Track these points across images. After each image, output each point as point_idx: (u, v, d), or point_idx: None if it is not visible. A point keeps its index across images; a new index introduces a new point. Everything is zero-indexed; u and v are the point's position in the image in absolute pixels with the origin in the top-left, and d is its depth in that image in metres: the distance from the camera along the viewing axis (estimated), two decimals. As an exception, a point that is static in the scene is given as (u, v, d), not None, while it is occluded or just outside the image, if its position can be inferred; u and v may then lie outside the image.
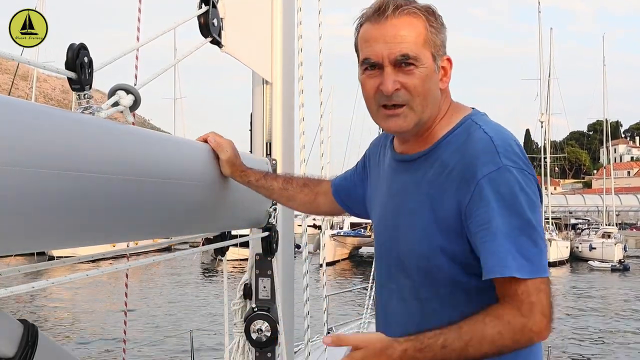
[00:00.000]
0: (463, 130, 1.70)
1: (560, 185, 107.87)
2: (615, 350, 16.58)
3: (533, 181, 1.62)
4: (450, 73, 1.75)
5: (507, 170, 1.57)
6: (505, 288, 1.56)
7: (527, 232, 1.56)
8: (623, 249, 43.42)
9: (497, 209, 1.56)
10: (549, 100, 51.07)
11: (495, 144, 1.61)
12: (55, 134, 1.25)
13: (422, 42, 1.67)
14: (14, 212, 1.12)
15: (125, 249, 2.30)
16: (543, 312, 1.55)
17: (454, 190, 1.62)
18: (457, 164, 1.64)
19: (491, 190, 1.56)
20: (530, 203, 1.58)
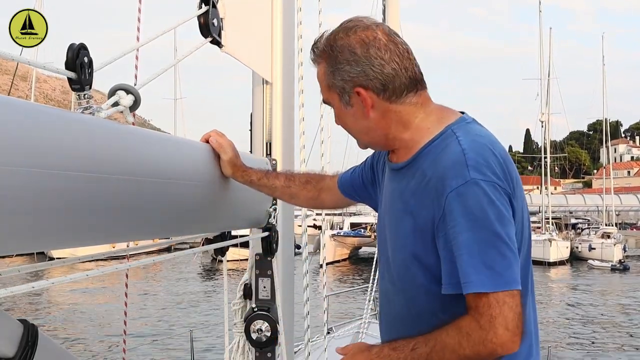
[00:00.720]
0: (442, 140, 1.71)
1: (561, 185, 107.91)
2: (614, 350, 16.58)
3: (504, 194, 1.61)
4: (371, 100, 1.74)
5: (474, 184, 1.58)
6: (469, 300, 1.58)
7: (495, 245, 1.57)
8: (622, 249, 43.42)
9: (464, 224, 1.57)
10: (549, 99, 51.13)
11: (466, 157, 1.62)
12: (55, 134, 1.25)
13: (327, 88, 1.80)
14: (14, 212, 1.12)
15: (125, 249, 2.30)
16: (506, 325, 1.53)
17: (430, 202, 1.65)
18: (432, 175, 1.67)
19: (458, 204, 1.58)
20: (499, 216, 1.58)
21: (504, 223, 1.59)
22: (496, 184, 1.60)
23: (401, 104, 1.75)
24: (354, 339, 6.23)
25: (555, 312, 22.65)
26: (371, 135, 1.81)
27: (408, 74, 1.74)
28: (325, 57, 1.77)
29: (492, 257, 1.56)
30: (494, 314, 1.53)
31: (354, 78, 1.73)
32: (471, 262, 1.55)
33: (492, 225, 1.57)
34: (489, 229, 1.56)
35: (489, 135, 1.75)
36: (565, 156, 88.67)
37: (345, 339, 6.55)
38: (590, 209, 64.86)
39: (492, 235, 1.57)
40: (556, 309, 23.32)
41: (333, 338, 6.74)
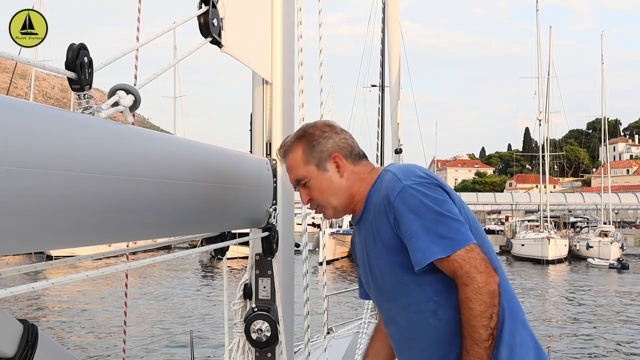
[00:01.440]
0: (380, 179, 2.24)
1: (560, 183, 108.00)
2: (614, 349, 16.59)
3: (433, 185, 2.09)
4: (344, 163, 2.28)
5: (408, 187, 2.07)
6: (447, 271, 2.03)
7: (439, 220, 2.02)
8: (620, 247, 43.50)
9: (411, 217, 2.04)
10: (548, 98, 51.15)
11: (397, 175, 2.13)
12: (55, 134, 1.25)
13: (303, 164, 2.28)
14: (14, 212, 1.12)
15: (125, 249, 2.29)
16: (478, 270, 1.97)
17: (385, 217, 2.12)
18: (379, 201, 2.16)
19: (402, 205, 2.06)
20: (435, 201, 2.05)
21: (440, 204, 2.05)
22: (423, 182, 2.09)
23: (358, 166, 2.32)
24: (354, 339, 6.23)
25: (553, 309, 22.69)
26: (340, 194, 2.29)
27: (357, 149, 2.34)
28: (300, 143, 2.29)
29: (442, 230, 2.01)
30: (466, 269, 1.97)
31: (329, 148, 2.27)
32: (428, 238, 2.01)
33: (432, 208, 2.03)
34: (431, 211, 2.03)
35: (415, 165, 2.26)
36: (564, 155, 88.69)
37: (345, 339, 6.55)
38: (589, 207, 64.90)
39: (435, 215, 2.02)
40: (554, 307, 23.36)
41: (333, 338, 6.74)
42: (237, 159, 2.36)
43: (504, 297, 2.07)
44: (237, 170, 2.32)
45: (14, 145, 1.11)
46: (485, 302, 1.96)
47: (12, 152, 1.10)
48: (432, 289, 2.12)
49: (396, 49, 9.08)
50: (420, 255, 2.02)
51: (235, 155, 2.35)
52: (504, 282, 2.12)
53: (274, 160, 2.69)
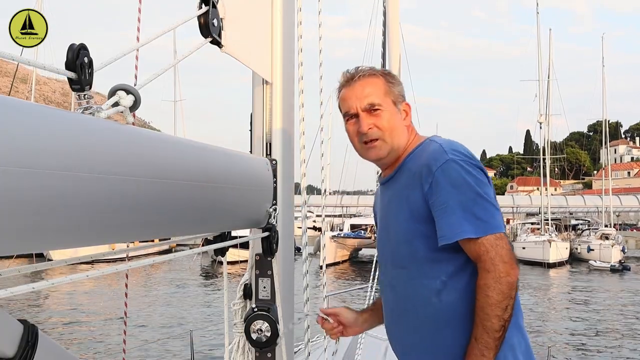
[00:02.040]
0: (422, 147, 2.25)
1: (561, 186, 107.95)
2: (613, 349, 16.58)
3: (478, 169, 2.10)
4: (411, 114, 2.35)
5: (453, 162, 2.07)
6: (471, 252, 2.04)
7: (477, 202, 2.03)
8: (621, 250, 43.45)
9: (451, 190, 2.04)
10: (549, 101, 51.14)
11: (444, 147, 2.13)
12: (55, 134, 1.25)
13: (383, 93, 2.29)
14: (14, 212, 1.12)
15: (125, 249, 2.29)
16: (503, 260, 1.98)
17: (419, 185, 2.12)
18: (418, 167, 2.16)
19: (444, 177, 2.06)
20: (477, 182, 2.05)
21: (482, 186, 2.05)
22: (468, 161, 2.09)
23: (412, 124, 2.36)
24: (354, 339, 6.22)
25: (554, 312, 22.67)
26: (400, 137, 2.29)
27: None
28: (382, 75, 2.33)
29: (478, 210, 2.02)
30: (492, 255, 1.98)
31: (403, 95, 2.35)
32: (463, 216, 2.01)
33: (473, 188, 2.04)
34: (472, 191, 2.03)
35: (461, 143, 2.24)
36: (565, 157, 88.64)
37: (345, 339, 6.53)
38: (590, 210, 64.78)
39: (475, 195, 2.03)
40: (555, 309, 23.34)
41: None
42: (237, 159, 2.36)
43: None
44: (237, 170, 2.32)
45: (14, 145, 1.11)
46: (503, 292, 1.96)
47: (12, 152, 1.10)
48: (443, 269, 2.13)
49: (396, 52, 9.08)
50: (450, 231, 2.04)
51: (235, 155, 2.35)
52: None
53: (274, 160, 2.69)
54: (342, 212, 58.83)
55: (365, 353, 5.57)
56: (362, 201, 58.35)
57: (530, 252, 42.14)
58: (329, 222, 51.16)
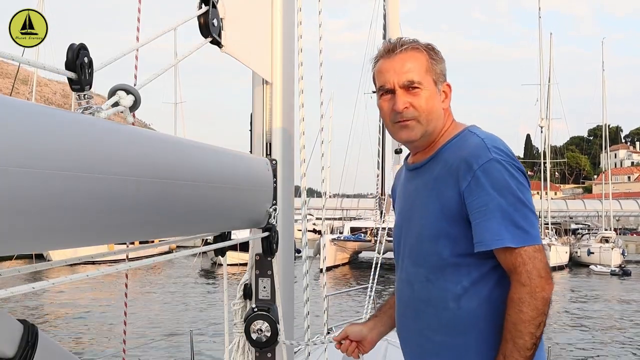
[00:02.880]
0: (461, 137, 2.09)
1: (561, 190, 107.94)
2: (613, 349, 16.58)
3: (520, 171, 1.97)
4: (451, 96, 2.18)
5: (496, 162, 1.93)
6: (506, 262, 1.92)
7: (518, 208, 1.91)
8: (621, 254, 43.48)
9: (492, 193, 1.91)
10: (549, 105, 51.17)
11: (486, 143, 1.98)
12: (55, 134, 1.25)
13: (425, 71, 2.10)
14: (14, 212, 1.12)
15: (125, 249, 2.29)
16: (540, 274, 1.87)
17: (455, 181, 1.98)
18: (456, 160, 2.01)
19: (486, 177, 1.92)
20: (519, 186, 1.94)
21: (524, 191, 1.94)
22: (511, 162, 1.96)
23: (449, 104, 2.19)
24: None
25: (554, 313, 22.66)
26: (434, 123, 2.12)
27: None
28: (428, 49, 2.15)
29: (518, 218, 1.90)
30: (529, 268, 1.87)
31: (445, 74, 2.17)
32: (503, 222, 1.89)
33: (515, 193, 1.92)
34: (513, 196, 1.91)
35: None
36: (565, 161, 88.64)
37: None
38: (591, 214, 64.76)
39: (516, 201, 1.92)
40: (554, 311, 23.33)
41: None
42: (237, 159, 2.36)
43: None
44: (237, 170, 2.32)
45: (14, 145, 1.11)
46: (538, 308, 1.85)
47: (12, 152, 1.10)
48: (466, 274, 2.01)
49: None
50: (489, 237, 1.90)
51: (235, 155, 2.35)
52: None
53: (274, 160, 2.69)
54: (342, 215, 58.82)
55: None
56: (362, 204, 58.33)
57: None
58: (329, 225, 51.15)
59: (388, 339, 6.32)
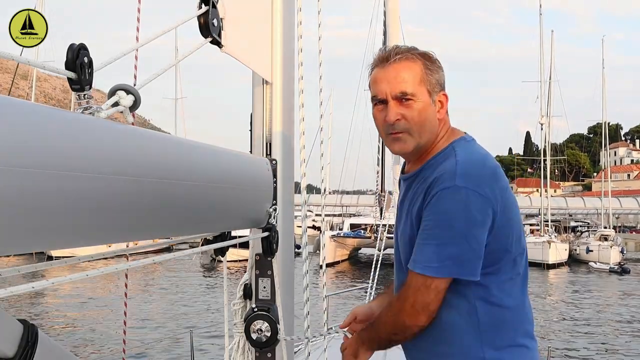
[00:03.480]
0: (445, 154, 2.08)
1: (560, 187, 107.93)
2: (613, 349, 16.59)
3: (484, 202, 1.93)
4: (447, 105, 2.14)
5: (454, 191, 1.92)
6: (407, 276, 2.02)
7: (458, 241, 1.92)
8: (620, 252, 43.52)
9: (437, 219, 1.94)
10: (550, 102, 51.17)
11: (457, 168, 1.96)
12: (55, 134, 1.25)
13: (419, 81, 2.07)
14: (14, 212, 1.12)
15: (125, 249, 2.29)
16: (413, 306, 1.97)
17: (422, 197, 2.01)
18: (430, 179, 2.02)
19: (438, 203, 1.94)
20: (469, 219, 1.92)
21: (472, 225, 1.92)
22: (477, 192, 1.92)
23: (446, 115, 2.16)
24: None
25: (553, 311, 22.69)
26: (428, 134, 2.11)
27: None
28: (421, 58, 2.10)
29: (453, 250, 1.93)
30: (409, 293, 1.99)
31: (441, 84, 2.13)
32: (428, 249, 1.95)
33: (460, 227, 1.91)
34: (453, 229, 1.92)
35: (484, 154, 2.11)
36: (565, 159, 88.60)
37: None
38: (590, 211, 64.77)
39: (454, 234, 1.92)
40: (554, 310, 23.36)
41: (333, 338, 6.71)
42: (237, 159, 2.36)
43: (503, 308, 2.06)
44: (237, 170, 2.32)
45: (14, 145, 1.11)
46: (397, 326, 2.04)
47: (12, 152, 1.10)
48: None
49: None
50: (420, 260, 1.97)
51: (235, 155, 2.35)
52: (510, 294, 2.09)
53: (274, 160, 2.69)
54: (342, 211, 58.82)
55: None
56: (362, 201, 58.26)
57: (530, 253, 41.47)
58: (329, 222, 51.16)
59: None
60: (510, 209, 2.03)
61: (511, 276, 2.08)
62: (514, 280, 2.09)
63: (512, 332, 2.09)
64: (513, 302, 2.09)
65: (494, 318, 2.05)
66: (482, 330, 2.03)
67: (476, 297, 2.03)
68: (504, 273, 2.05)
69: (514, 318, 2.10)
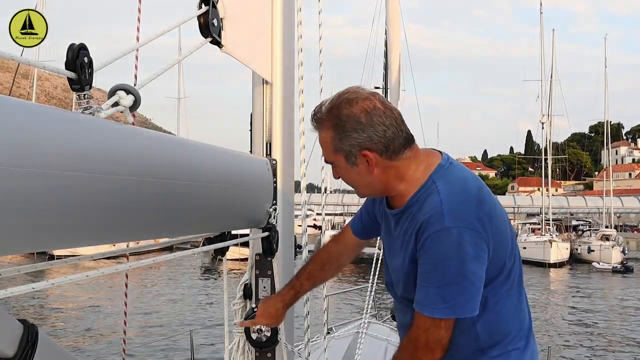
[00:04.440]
0: (425, 191, 2.04)
1: (562, 186, 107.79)
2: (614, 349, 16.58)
3: (475, 236, 1.94)
4: (375, 160, 2.03)
5: (446, 231, 1.92)
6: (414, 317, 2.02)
7: (458, 281, 1.94)
8: (622, 252, 43.46)
9: (436, 263, 1.94)
10: (551, 101, 51.13)
11: (443, 208, 1.95)
12: (55, 134, 1.26)
13: (332, 150, 2.05)
14: (14, 212, 1.12)
15: (125, 249, 2.29)
16: (427, 345, 1.98)
17: (414, 240, 2.01)
18: (417, 221, 2.01)
19: (432, 247, 1.94)
20: (464, 256, 1.92)
21: (467, 262, 1.93)
22: (468, 227, 1.93)
23: (399, 160, 2.05)
24: (354, 339, 6.22)
25: (554, 311, 22.68)
26: (372, 187, 2.11)
27: (403, 134, 2.04)
28: (331, 126, 2.02)
29: (454, 292, 1.94)
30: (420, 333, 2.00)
31: (360, 143, 2.00)
32: (431, 292, 1.96)
33: (456, 266, 1.92)
34: (451, 270, 1.93)
35: (464, 178, 2.08)
36: (566, 158, 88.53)
37: (345, 339, 6.54)
38: (591, 210, 64.65)
39: (453, 275, 1.93)
40: (554, 309, 23.35)
41: (333, 338, 6.72)
42: (237, 159, 2.36)
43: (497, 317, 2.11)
44: (237, 170, 2.32)
45: (15, 145, 1.11)
46: None
47: (13, 152, 1.10)
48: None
49: (396, 51, 9.09)
50: (426, 304, 1.99)
51: (235, 155, 2.35)
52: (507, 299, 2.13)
53: (274, 160, 2.69)
54: (343, 210, 58.77)
55: (365, 353, 5.57)
56: (363, 200, 58.08)
57: (531, 252, 42.12)
58: (330, 221, 51.14)
59: (388, 339, 6.34)
60: (500, 229, 2.05)
61: (507, 288, 2.12)
62: (509, 292, 2.14)
63: (510, 338, 2.15)
64: (509, 311, 2.14)
65: (492, 330, 2.11)
66: (481, 342, 2.10)
67: (475, 317, 2.05)
68: (500, 288, 2.09)
69: (512, 326, 2.16)
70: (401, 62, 9.19)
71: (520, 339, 2.18)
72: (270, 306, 2.48)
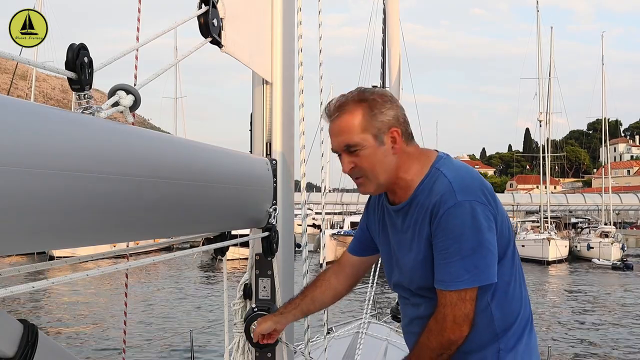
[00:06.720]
0: (431, 178, 2.17)
1: (560, 184, 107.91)
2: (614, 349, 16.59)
3: (485, 209, 2.08)
4: (400, 139, 2.16)
5: (460, 206, 2.04)
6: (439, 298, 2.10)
7: (478, 251, 2.04)
8: (621, 248, 43.49)
9: (452, 237, 2.04)
10: (549, 99, 51.14)
11: (453, 185, 2.09)
12: (55, 134, 1.26)
13: (361, 130, 2.13)
14: (14, 212, 1.12)
15: (125, 249, 2.30)
16: (455, 321, 2.06)
17: (429, 221, 2.11)
18: (428, 203, 2.12)
19: (447, 223, 2.05)
20: (479, 227, 2.04)
21: (484, 232, 2.05)
22: (477, 201, 2.07)
23: (410, 146, 2.21)
24: (354, 339, 6.21)
25: (553, 309, 22.70)
26: (389, 173, 2.19)
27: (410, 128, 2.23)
28: (362, 106, 2.14)
29: (477, 260, 2.05)
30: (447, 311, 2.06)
31: (390, 120, 2.15)
32: (462, 264, 2.04)
33: (476, 237, 2.04)
34: (474, 239, 2.03)
35: (465, 166, 2.25)
36: (564, 155, 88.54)
37: (345, 339, 6.54)
38: (590, 208, 64.69)
39: (476, 245, 2.04)
40: (554, 306, 23.37)
41: (333, 338, 6.72)
42: (237, 159, 2.36)
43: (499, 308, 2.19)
44: (237, 170, 2.32)
45: (14, 145, 1.11)
46: (442, 346, 2.08)
47: (13, 152, 1.10)
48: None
49: (396, 50, 9.09)
50: (448, 279, 2.06)
51: (235, 155, 2.35)
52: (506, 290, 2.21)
53: (274, 160, 2.69)
54: (342, 209, 58.78)
55: (365, 353, 5.57)
56: (363, 199, 57.90)
57: (530, 250, 42.16)
58: (329, 220, 51.15)
59: (388, 339, 6.34)
60: (502, 215, 2.19)
61: (514, 271, 2.24)
62: (515, 275, 2.25)
63: (519, 324, 2.25)
64: (518, 293, 2.25)
65: (505, 311, 2.20)
66: (497, 325, 2.19)
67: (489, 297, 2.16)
68: (509, 267, 2.21)
69: (520, 308, 2.26)
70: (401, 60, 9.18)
71: (528, 326, 2.29)
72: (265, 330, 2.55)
